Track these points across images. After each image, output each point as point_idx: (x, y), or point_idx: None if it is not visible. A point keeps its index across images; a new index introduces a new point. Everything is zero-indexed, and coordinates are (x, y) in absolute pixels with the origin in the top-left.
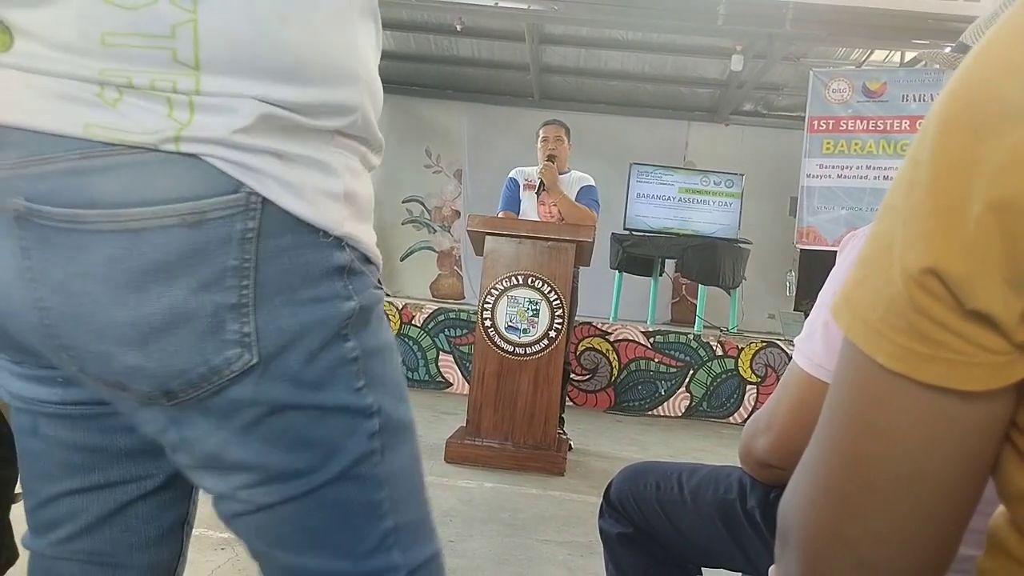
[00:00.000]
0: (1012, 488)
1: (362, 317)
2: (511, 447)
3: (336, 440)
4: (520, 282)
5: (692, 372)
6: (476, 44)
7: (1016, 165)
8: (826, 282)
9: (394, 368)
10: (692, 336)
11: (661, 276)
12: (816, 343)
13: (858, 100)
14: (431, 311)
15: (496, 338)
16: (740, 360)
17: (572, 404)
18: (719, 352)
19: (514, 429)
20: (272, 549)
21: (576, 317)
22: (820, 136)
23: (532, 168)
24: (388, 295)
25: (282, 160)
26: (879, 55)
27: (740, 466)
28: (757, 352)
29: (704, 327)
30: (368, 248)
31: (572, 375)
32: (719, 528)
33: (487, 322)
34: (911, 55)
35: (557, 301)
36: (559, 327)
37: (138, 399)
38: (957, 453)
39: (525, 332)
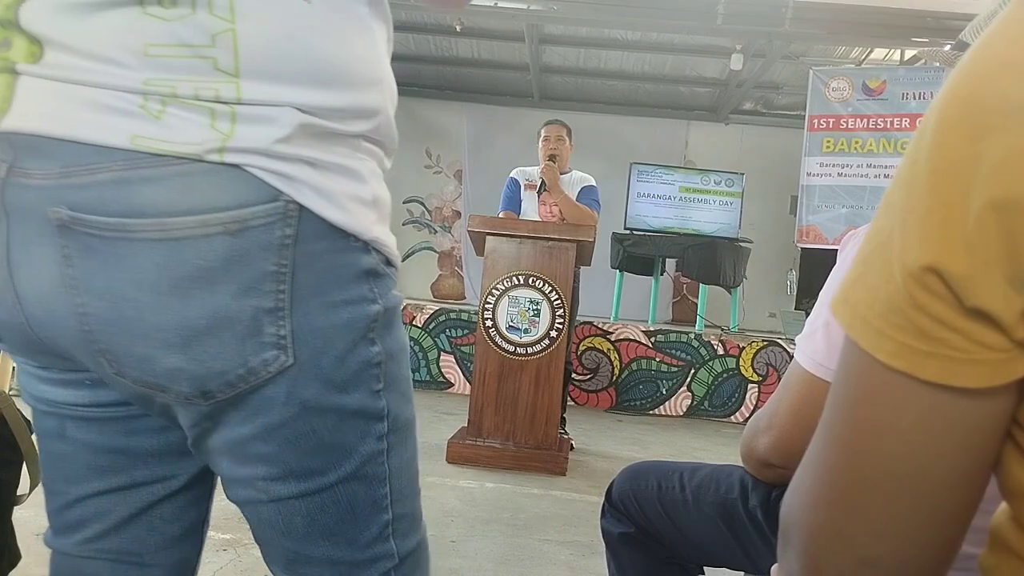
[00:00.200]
0: (1014, 484)
1: (386, 320)
2: (512, 447)
3: (351, 442)
4: (521, 282)
5: (693, 371)
6: (476, 44)
7: (1015, 162)
8: (827, 281)
9: (406, 369)
10: (693, 335)
11: (662, 275)
12: (817, 342)
13: (858, 98)
14: (432, 311)
15: (497, 338)
16: (741, 359)
17: (573, 404)
18: (720, 351)
19: (515, 429)
20: (278, 537)
21: (577, 317)
22: (820, 135)
23: (533, 168)
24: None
25: (316, 168)
26: (879, 53)
27: (742, 465)
28: (758, 351)
29: (705, 326)
30: (391, 251)
31: (573, 375)
32: (721, 527)
33: (488, 322)
34: (911, 53)
35: (558, 301)
36: (560, 327)
37: (176, 400)
38: (958, 450)
39: (526, 332)
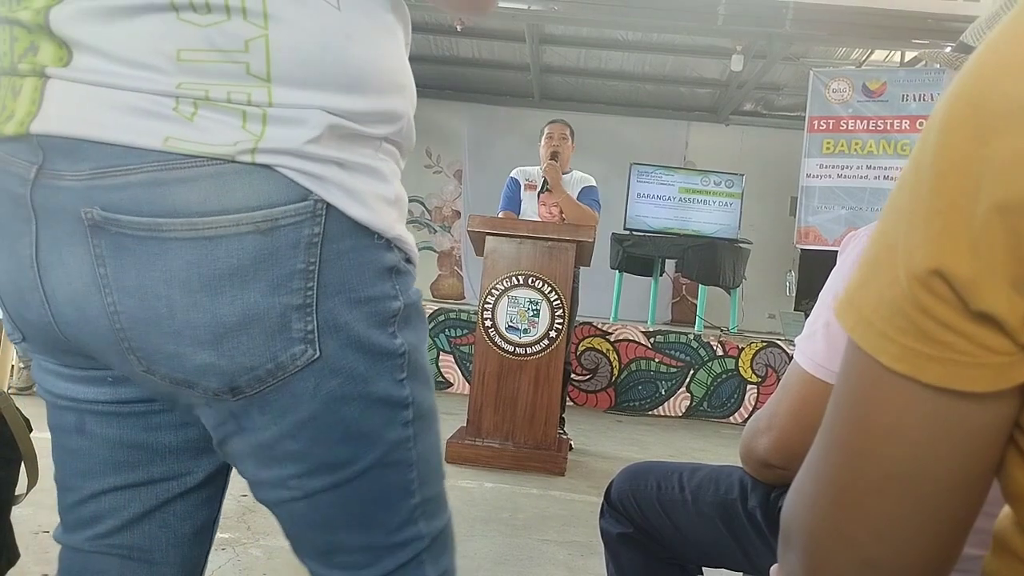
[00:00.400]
0: (1016, 489)
1: (406, 314)
2: (511, 447)
3: (378, 430)
4: (520, 282)
5: (692, 372)
6: (476, 44)
7: (1021, 165)
8: (827, 282)
9: (426, 358)
10: (692, 336)
11: (661, 276)
12: (817, 343)
13: (858, 100)
14: (431, 311)
15: (496, 338)
16: (740, 360)
17: (573, 404)
18: (719, 352)
19: (514, 429)
20: (312, 530)
21: (576, 317)
22: (820, 136)
23: (533, 168)
24: None
25: (343, 168)
26: (879, 55)
27: (741, 466)
28: (757, 352)
29: (704, 327)
30: (411, 249)
31: (572, 375)
32: (720, 528)
33: (487, 322)
34: (911, 55)
35: (557, 301)
36: (559, 327)
37: (204, 396)
38: (961, 454)
39: (525, 332)
